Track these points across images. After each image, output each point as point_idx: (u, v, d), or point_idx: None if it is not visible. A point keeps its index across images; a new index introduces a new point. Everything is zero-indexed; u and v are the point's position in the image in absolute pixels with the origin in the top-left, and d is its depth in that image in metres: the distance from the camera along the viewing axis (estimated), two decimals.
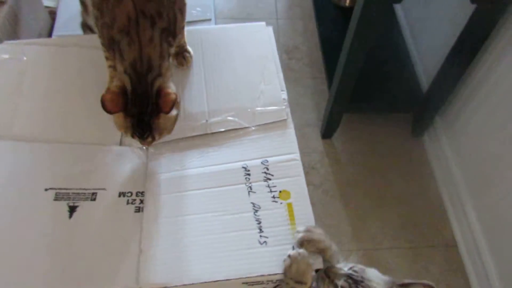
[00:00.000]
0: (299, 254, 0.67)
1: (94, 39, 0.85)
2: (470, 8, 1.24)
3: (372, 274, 0.66)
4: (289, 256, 0.67)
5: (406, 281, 0.65)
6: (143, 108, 0.71)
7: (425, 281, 0.64)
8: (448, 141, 1.55)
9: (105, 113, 0.70)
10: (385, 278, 0.66)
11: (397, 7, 1.88)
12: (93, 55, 0.90)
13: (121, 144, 0.83)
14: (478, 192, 1.39)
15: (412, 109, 1.64)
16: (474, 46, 1.32)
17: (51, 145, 0.81)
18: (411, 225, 1.45)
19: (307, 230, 0.70)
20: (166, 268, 0.67)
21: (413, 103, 1.63)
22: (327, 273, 0.67)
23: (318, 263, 0.68)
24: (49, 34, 1.34)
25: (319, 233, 0.70)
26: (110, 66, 0.81)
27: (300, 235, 0.69)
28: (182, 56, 0.90)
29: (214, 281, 0.66)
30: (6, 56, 0.90)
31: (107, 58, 0.81)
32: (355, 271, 0.66)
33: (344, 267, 0.67)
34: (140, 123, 0.71)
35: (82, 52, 0.93)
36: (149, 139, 0.74)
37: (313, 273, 0.68)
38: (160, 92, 0.71)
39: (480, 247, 1.34)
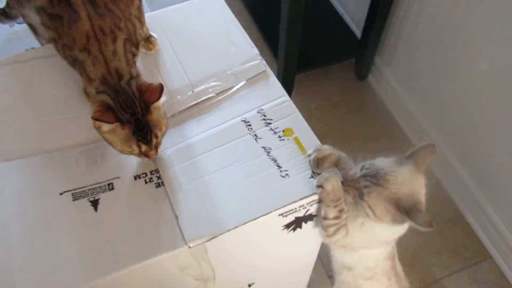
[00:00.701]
0: (327, 178, 0.71)
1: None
2: None
3: (381, 162, 0.73)
4: (319, 185, 0.72)
5: (410, 150, 0.73)
6: (133, 109, 0.71)
7: (425, 143, 0.72)
8: (391, 74, 1.69)
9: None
10: (392, 158, 0.73)
11: None
12: (57, 63, 0.90)
13: None
14: (429, 111, 1.53)
15: (352, 55, 1.76)
16: None
17: (49, 154, 0.81)
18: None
19: (316, 150, 0.76)
20: (207, 222, 0.71)
21: (351, 50, 1.75)
22: (347, 183, 0.74)
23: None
24: None
25: (327, 148, 0.76)
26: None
27: (313, 156, 0.75)
28: (148, 42, 0.93)
29: (255, 219, 0.71)
30: None
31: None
32: (367, 168, 0.72)
33: (357, 170, 0.74)
34: (138, 125, 0.71)
35: (46, 62, 0.93)
36: (153, 139, 0.73)
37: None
38: (141, 87, 0.72)
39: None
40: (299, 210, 0.75)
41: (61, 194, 0.76)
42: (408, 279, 0.96)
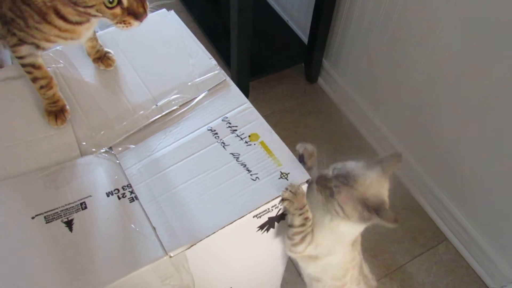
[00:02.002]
0: (290, 191, 0.75)
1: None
2: None
3: (351, 165, 0.78)
4: (282, 199, 0.76)
5: (379, 157, 0.79)
6: None
7: (393, 152, 0.79)
8: (339, 76, 1.77)
9: (53, 133, 0.72)
10: (361, 162, 0.79)
11: None
12: (15, 86, 0.89)
13: (82, 155, 0.84)
14: (378, 108, 1.62)
15: (301, 60, 1.83)
16: None
17: (16, 179, 0.80)
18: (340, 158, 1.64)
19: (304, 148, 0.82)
20: (185, 230, 0.73)
21: (299, 54, 1.82)
22: (319, 183, 0.78)
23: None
24: None
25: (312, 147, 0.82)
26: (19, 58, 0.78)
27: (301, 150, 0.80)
28: (107, 58, 0.93)
29: (231, 223, 0.73)
30: None
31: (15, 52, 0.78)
32: (339, 169, 0.78)
33: (329, 172, 0.79)
34: None
35: (4, 86, 0.91)
36: None
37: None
38: None
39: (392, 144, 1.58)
40: (272, 210, 0.78)
41: (33, 218, 0.75)
42: (373, 269, 1.01)
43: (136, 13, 0.66)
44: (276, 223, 0.84)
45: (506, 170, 1.21)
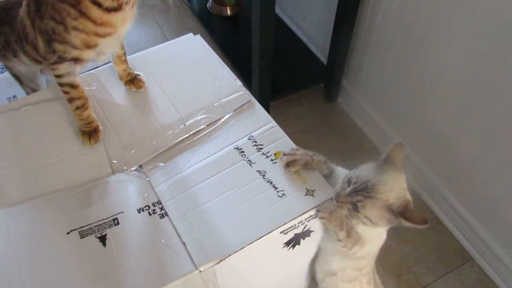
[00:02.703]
0: (328, 212, 0.78)
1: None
2: None
3: (364, 172, 0.78)
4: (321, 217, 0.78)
5: (384, 154, 0.80)
6: None
7: (393, 144, 0.79)
8: (359, 95, 1.79)
9: (86, 152, 0.77)
10: (371, 166, 0.79)
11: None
12: (48, 108, 0.94)
13: (113, 172, 0.88)
14: (398, 126, 1.63)
15: (320, 80, 1.86)
16: (352, 11, 1.57)
17: (51, 196, 0.83)
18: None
19: (288, 154, 0.83)
20: (214, 246, 0.75)
21: (318, 75, 1.85)
22: (340, 200, 0.79)
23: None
24: None
25: (299, 153, 0.83)
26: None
27: (284, 158, 0.82)
28: (137, 80, 0.98)
29: (258, 239, 0.75)
30: None
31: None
32: (355, 183, 0.78)
33: (344, 185, 0.79)
34: None
35: (38, 108, 0.96)
36: None
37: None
38: None
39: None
40: (298, 226, 0.80)
41: (68, 233, 0.78)
42: None
43: None
44: (301, 239, 0.86)
45: None
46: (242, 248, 0.74)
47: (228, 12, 2.09)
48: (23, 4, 0.87)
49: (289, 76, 1.85)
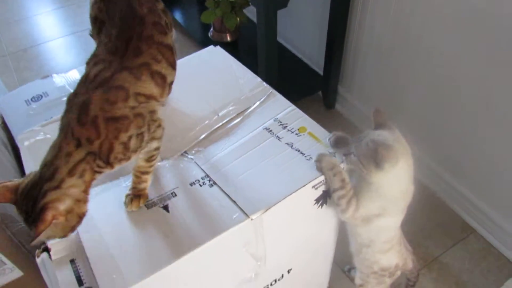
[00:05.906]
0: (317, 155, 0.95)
1: None
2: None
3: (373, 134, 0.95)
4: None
5: (373, 126, 0.96)
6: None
7: (372, 112, 0.96)
8: (355, 99, 1.99)
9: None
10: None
11: None
12: None
13: (162, 159, 1.03)
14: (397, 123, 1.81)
15: (318, 89, 2.06)
16: (342, 24, 1.79)
17: (118, 181, 0.99)
18: None
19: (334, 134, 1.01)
20: (259, 201, 0.90)
21: (316, 85, 2.05)
22: (346, 153, 0.95)
23: None
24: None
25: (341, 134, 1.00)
26: None
27: (332, 138, 0.99)
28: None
29: (296, 191, 0.91)
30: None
31: None
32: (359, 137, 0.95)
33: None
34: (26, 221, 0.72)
35: None
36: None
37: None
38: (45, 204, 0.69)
39: None
40: (325, 182, 0.96)
41: None
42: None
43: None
44: (328, 198, 1.01)
45: None
46: (285, 197, 0.90)
47: (228, 39, 2.31)
48: None
49: (289, 88, 2.03)
